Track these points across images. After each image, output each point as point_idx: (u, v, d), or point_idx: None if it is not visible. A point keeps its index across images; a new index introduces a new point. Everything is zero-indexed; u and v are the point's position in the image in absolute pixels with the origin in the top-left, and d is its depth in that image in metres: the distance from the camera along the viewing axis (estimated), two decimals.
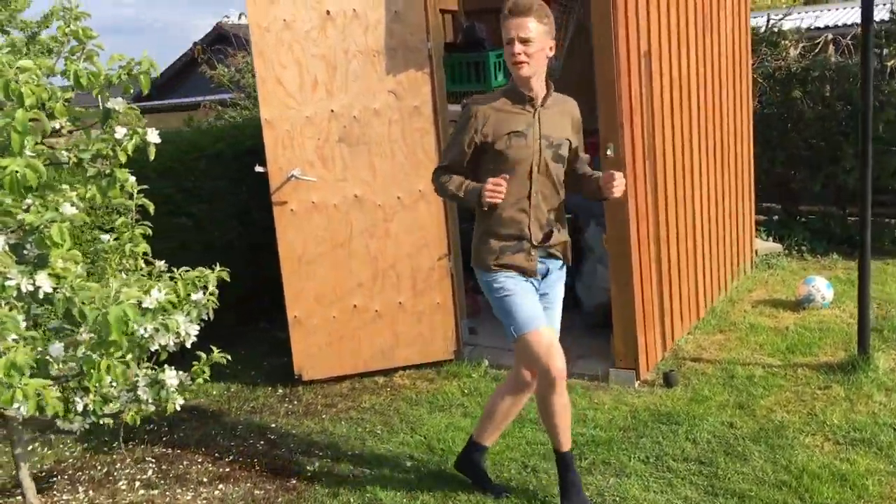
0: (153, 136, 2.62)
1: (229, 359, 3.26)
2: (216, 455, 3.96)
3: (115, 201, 2.75)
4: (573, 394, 4.17)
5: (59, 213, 2.39)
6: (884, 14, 6.83)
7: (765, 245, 6.55)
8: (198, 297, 2.88)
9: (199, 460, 3.92)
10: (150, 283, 2.60)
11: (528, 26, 2.87)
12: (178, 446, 4.08)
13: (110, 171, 2.59)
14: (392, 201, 4.58)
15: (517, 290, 3.02)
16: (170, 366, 3.00)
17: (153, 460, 3.95)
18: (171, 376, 2.88)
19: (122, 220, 3.03)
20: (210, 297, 2.94)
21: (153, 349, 2.74)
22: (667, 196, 4.63)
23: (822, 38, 7.52)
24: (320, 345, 4.66)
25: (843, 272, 5.98)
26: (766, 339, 4.81)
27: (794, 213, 7.12)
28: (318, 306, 4.62)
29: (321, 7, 4.37)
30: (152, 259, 3.08)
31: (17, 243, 2.47)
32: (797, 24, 8.34)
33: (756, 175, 6.22)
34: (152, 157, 2.71)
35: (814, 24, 10.98)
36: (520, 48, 2.88)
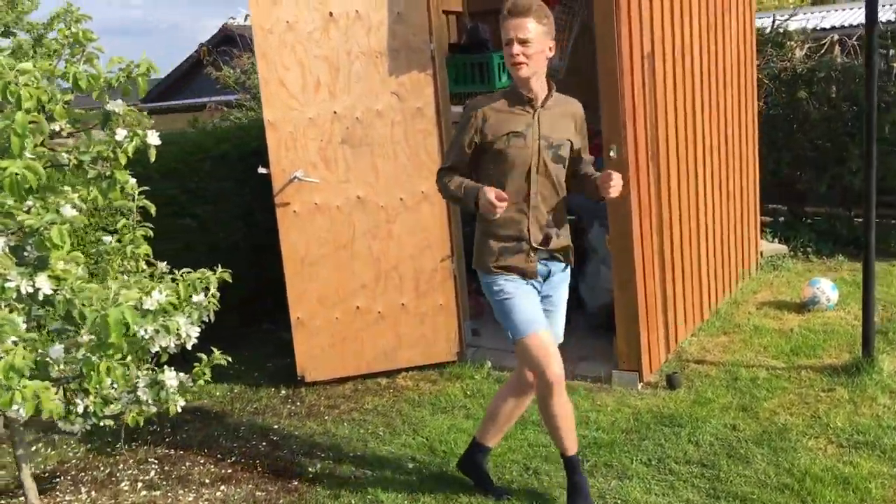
0: (153, 137, 2.63)
1: (230, 360, 3.26)
2: (218, 456, 3.97)
3: (115, 203, 2.75)
4: (576, 395, 4.16)
5: (59, 215, 2.39)
6: (890, 14, 6.81)
7: (770, 246, 6.53)
8: (199, 299, 2.88)
9: (202, 461, 3.93)
10: (150, 285, 2.60)
11: (526, 27, 2.86)
12: (180, 447, 4.09)
13: (111, 173, 2.59)
14: (395, 203, 4.58)
15: (516, 293, 3.02)
16: (172, 367, 3.01)
17: (156, 461, 3.95)
18: (170, 377, 2.88)
19: (123, 221, 3.03)
20: (211, 299, 2.94)
21: (154, 351, 2.74)
22: (670, 197, 4.61)
23: (828, 39, 7.49)
24: (323, 346, 4.66)
25: (848, 274, 5.95)
26: (771, 341, 4.79)
27: (799, 215, 7.09)
28: (321, 308, 4.62)
29: (324, 8, 4.37)
30: (154, 260, 3.08)
31: (18, 245, 2.47)
32: (803, 25, 8.30)
33: (761, 176, 6.20)
34: (153, 159, 2.72)
35: (819, 24, 10.92)
36: (518, 49, 2.88)
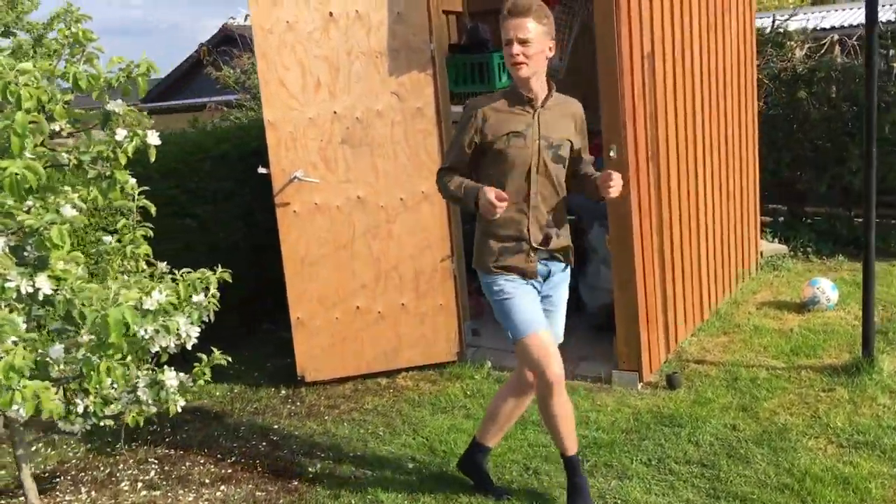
0: (153, 138, 2.63)
1: (230, 360, 3.26)
2: (218, 456, 3.97)
3: (115, 203, 2.75)
4: (576, 396, 4.16)
5: (59, 215, 2.39)
6: (890, 14, 6.81)
7: (770, 246, 6.52)
8: (199, 299, 2.87)
9: (202, 461, 3.93)
10: (151, 285, 2.60)
11: (526, 27, 2.86)
12: (180, 447, 4.09)
13: (111, 173, 2.59)
14: (395, 203, 4.58)
15: (516, 294, 3.02)
16: (172, 367, 3.00)
17: (156, 461, 3.95)
18: (170, 377, 2.88)
19: (123, 221, 3.03)
20: (211, 299, 2.94)
21: (154, 351, 2.74)
22: (670, 197, 4.61)
23: (828, 39, 7.49)
24: (323, 346, 4.66)
25: (848, 274, 5.94)
26: (771, 341, 4.79)
27: (799, 215, 7.09)
28: (321, 308, 4.62)
29: (324, 8, 4.37)
30: (154, 261, 3.08)
31: (18, 245, 2.47)
32: (803, 25, 8.29)
33: (761, 176, 6.20)
34: (153, 159, 2.72)
35: (819, 24, 10.91)
36: (518, 49, 2.88)
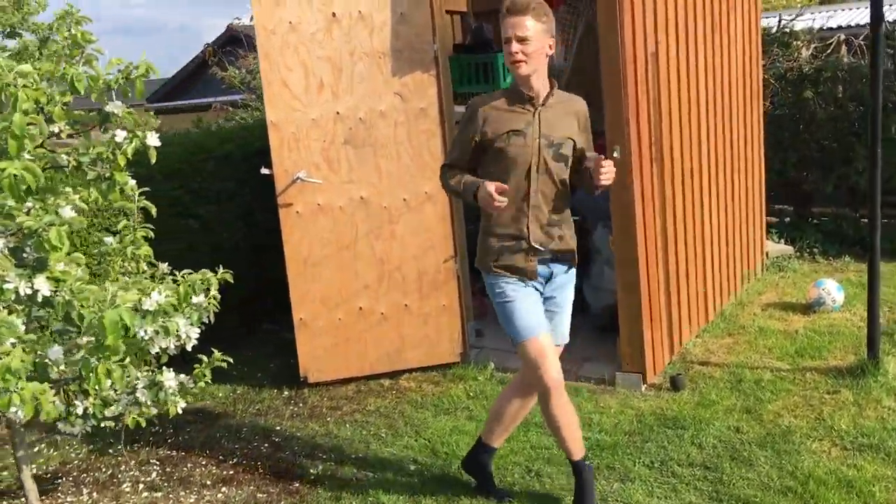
0: (153, 139, 2.62)
1: (231, 361, 3.25)
2: (220, 458, 3.96)
3: (116, 204, 2.75)
4: (579, 397, 4.15)
5: (58, 217, 2.39)
6: None
7: (776, 247, 6.49)
8: (199, 300, 2.86)
9: (203, 463, 3.92)
10: (150, 286, 2.60)
11: (525, 25, 2.86)
12: (182, 449, 4.09)
13: (110, 175, 2.58)
14: (398, 203, 4.57)
15: (517, 297, 3.01)
16: (171, 368, 3.00)
17: (157, 463, 3.95)
18: (169, 378, 2.88)
19: (124, 222, 3.02)
20: (212, 300, 2.93)
21: (154, 352, 2.73)
22: (675, 198, 4.59)
23: (835, 39, 7.46)
24: (326, 347, 4.65)
25: (854, 275, 5.90)
26: (776, 342, 4.76)
27: (805, 215, 7.06)
28: (324, 308, 4.61)
29: (327, 9, 4.36)
30: (156, 261, 3.08)
31: (17, 246, 2.47)
32: (809, 25, 8.27)
33: (767, 176, 6.17)
34: (153, 161, 2.71)
35: (826, 24, 10.87)
36: (517, 47, 2.87)
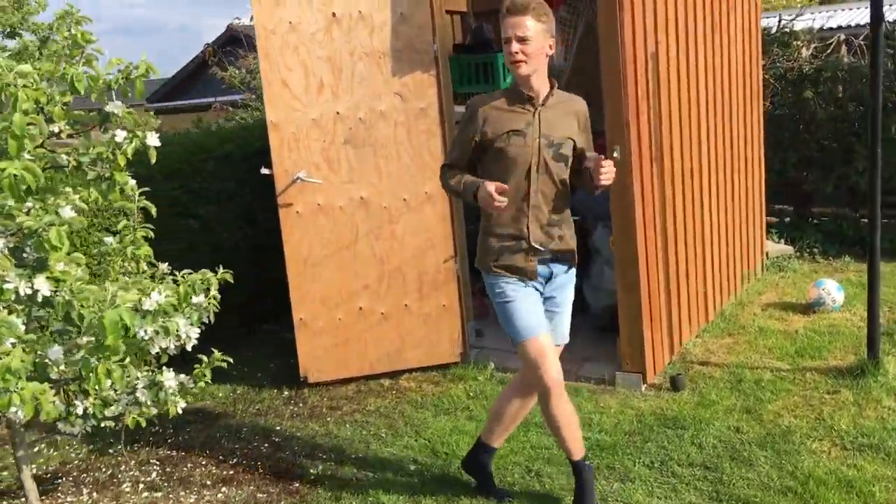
0: (153, 139, 2.62)
1: (231, 361, 3.25)
2: (220, 458, 3.96)
3: (116, 204, 2.75)
4: (579, 397, 4.15)
5: (58, 217, 2.39)
6: None
7: (776, 247, 6.49)
8: (199, 300, 2.86)
9: (203, 463, 3.92)
10: (150, 286, 2.60)
11: (525, 25, 2.86)
12: (182, 448, 4.09)
13: (110, 175, 2.58)
14: (398, 203, 4.57)
15: (517, 297, 3.01)
16: (172, 369, 3.00)
17: (157, 462, 3.95)
18: (169, 378, 2.88)
19: (124, 222, 3.02)
20: (212, 300, 2.93)
21: (154, 352, 2.73)
22: (675, 198, 4.59)
23: (835, 39, 7.46)
24: (326, 347, 4.65)
25: (854, 275, 5.90)
26: (775, 342, 4.76)
27: (805, 215, 7.06)
28: (324, 308, 4.61)
29: (327, 9, 4.36)
30: (156, 261, 3.08)
31: (17, 246, 2.47)
32: (809, 25, 8.27)
33: (767, 176, 6.16)
34: (154, 161, 2.72)
35: (826, 24, 10.86)
36: (517, 47, 2.87)
